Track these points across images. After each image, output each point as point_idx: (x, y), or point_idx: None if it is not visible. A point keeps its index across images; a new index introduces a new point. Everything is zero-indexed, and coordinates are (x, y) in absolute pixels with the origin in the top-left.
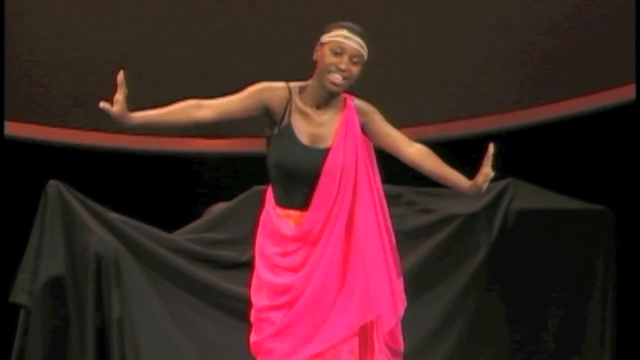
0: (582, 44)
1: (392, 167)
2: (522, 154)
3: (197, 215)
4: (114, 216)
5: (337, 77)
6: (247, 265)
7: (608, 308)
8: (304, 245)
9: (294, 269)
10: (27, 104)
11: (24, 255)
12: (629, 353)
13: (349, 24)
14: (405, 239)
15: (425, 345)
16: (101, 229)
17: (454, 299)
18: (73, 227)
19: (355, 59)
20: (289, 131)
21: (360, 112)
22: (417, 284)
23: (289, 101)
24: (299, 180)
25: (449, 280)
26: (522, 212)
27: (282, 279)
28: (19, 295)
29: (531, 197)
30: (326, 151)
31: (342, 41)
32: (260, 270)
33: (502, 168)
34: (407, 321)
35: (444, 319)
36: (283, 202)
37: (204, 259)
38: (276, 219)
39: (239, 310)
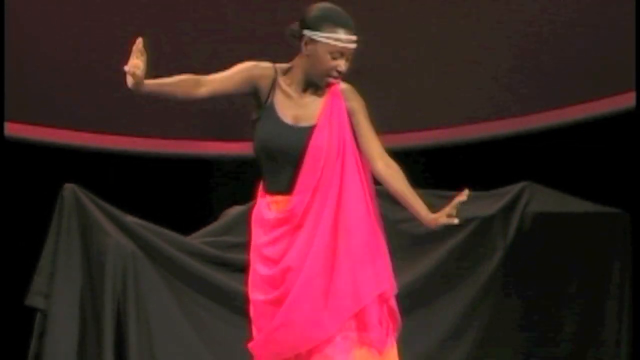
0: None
1: (412, 171)
2: (537, 157)
3: (213, 219)
4: (130, 219)
5: (335, 77)
6: None
7: (624, 310)
8: (289, 232)
9: (280, 259)
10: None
11: (40, 259)
12: None
13: (340, 15)
14: (420, 242)
15: (441, 348)
16: (117, 232)
17: (469, 302)
18: (89, 230)
19: (350, 57)
20: (272, 111)
21: (346, 97)
22: (432, 288)
23: (274, 80)
24: (284, 161)
25: (464, 283)
26: (537, 215)
27: (270, 271)
28: (35, 298)
29: (547, 200)
30: (311, 129)
31: (343, 46)
32: (253, 263)
33: (518, 171)
34: (423, 325)
35: (460, 322)
36: (270, 188)
37: (220, 262)
38: (262, 205)
39: None
